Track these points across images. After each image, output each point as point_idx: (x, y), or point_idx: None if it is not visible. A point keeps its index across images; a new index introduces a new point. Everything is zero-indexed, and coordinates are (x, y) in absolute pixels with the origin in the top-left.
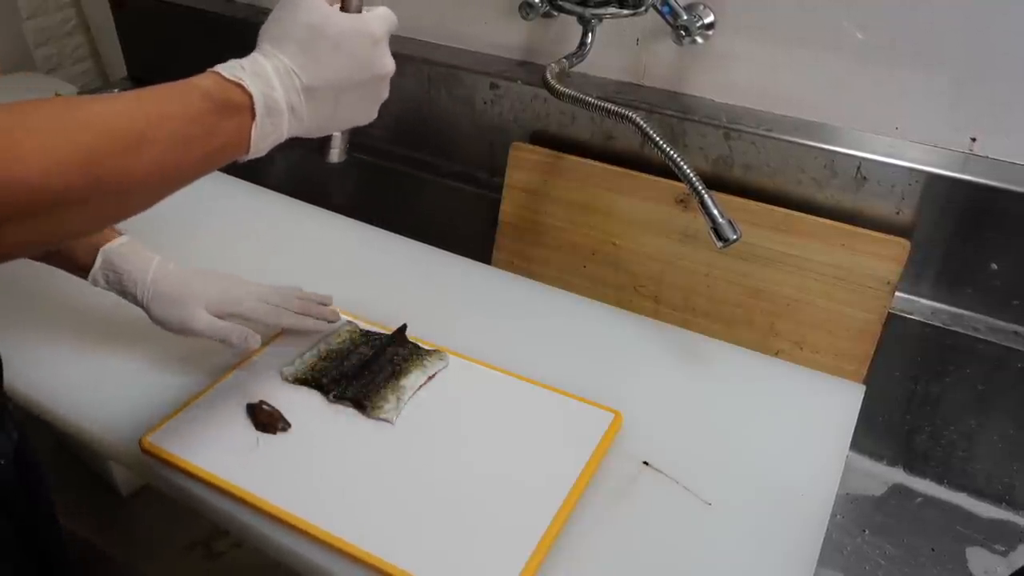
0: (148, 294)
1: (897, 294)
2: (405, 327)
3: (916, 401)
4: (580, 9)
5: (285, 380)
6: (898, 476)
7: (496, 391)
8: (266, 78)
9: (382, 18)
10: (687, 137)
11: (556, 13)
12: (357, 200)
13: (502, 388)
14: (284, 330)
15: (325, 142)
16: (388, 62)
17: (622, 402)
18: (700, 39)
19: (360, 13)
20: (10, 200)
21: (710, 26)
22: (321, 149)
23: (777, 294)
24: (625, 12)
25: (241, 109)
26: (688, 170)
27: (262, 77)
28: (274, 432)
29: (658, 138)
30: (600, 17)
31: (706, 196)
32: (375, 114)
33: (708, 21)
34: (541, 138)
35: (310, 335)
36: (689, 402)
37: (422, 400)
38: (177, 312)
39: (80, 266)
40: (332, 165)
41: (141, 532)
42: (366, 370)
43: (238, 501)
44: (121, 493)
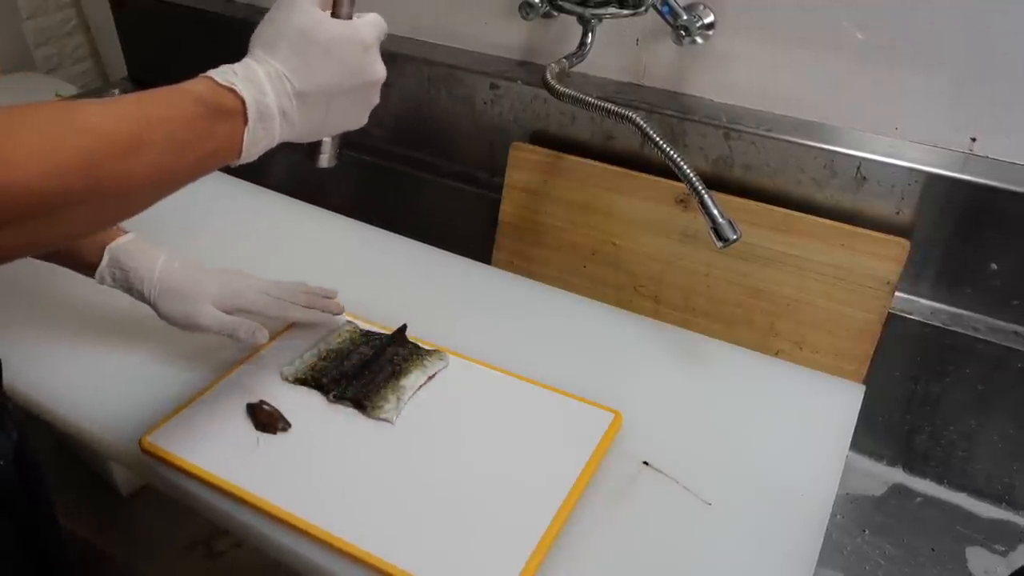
0: (155, 291)
1: (897, 294)
2: (405, 327)
3: (916, 401)
4: (580, 9)
5: (285, 380)
6: (898, 476)
7: (496, 391)
8: (258, 83)
9: (372, 24)
10: (687, 137)
11: (556, 13)
12: (357, 200)
13: (502, 388)
14: (293, 324)
15: (315, 147)
16: (379, 68)
17: (622, 402)
18: (700, 39)
19: (351, 19)
20: (9, 204)
21: (710, 26)
22: (312, 154)
23: (777, 294)
24: (625, 12)
25: (234, 114)
26: (688, 170)
27: (254, 82)
28: (274, 432)
29: (658, 138)
30: (600, 17)
31: (706, 196)
32: (366, 119)
33: (708, 21)
34: (541, 138)
35: (310, 334)
36: (689, 402)
37: (422, 400)
38: (184, 308)
39: (86, 264)
40: (322, 170)
41: (141, 532)
42: (366, 370)
43: (238, 501)
44: (121, 493)
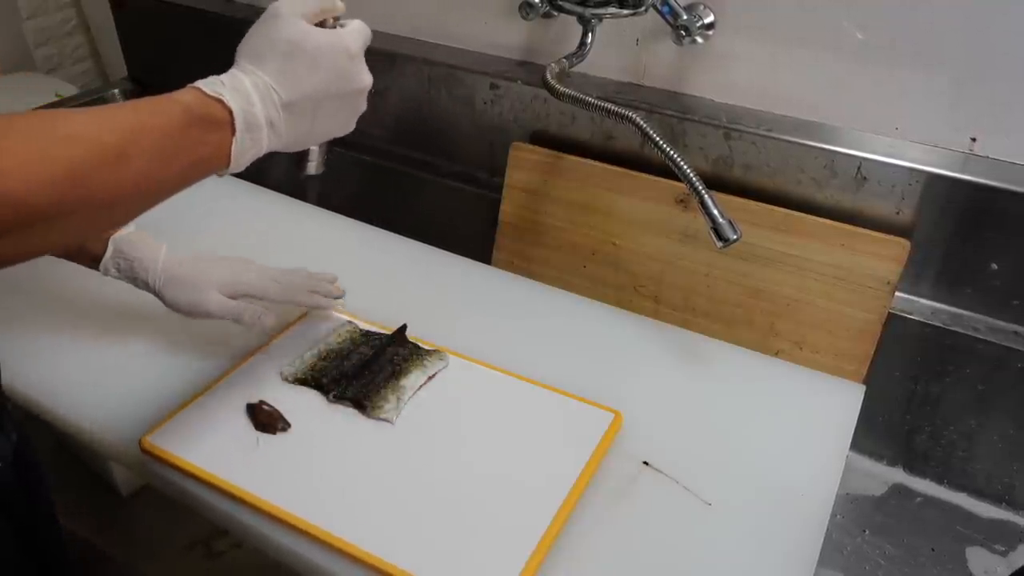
0: (160, 279)
1: (897, 294)
2: (405, 327)
3: (916, 401)
4: (580, 9)
5: (285, 380)
6: (898, 476)
7: (496, 391)
8: (245, 94)
9: (358, 32)
10: (687, 137)
11: (556, 13)
12: (357, 200)
13: (502, 388)
14: (293, 324)
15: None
16: (365, 76)
17: (622, 402)
18: (700, 39)
19: (336, 28)
20: None
21: (710, 26)
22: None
23: (777, 294)
24: (625, 12)
25: (221, 124)
26: (688, 170)
27: (241, 93)
28: (274, 432)
29: (658, 138)
30: (600, 17)
31: (706, 196)
32: (352, 127)
33: (708, 21)
34: (541, 138)
35: (310, 334)
36: (689, 402)
37: (422, 400)
38: (190, 295)
39: (90, 256)
40: (321, 170)
41: (141, 532)
42: (366, 370)
43: (238, 501)
44: (121, 493)
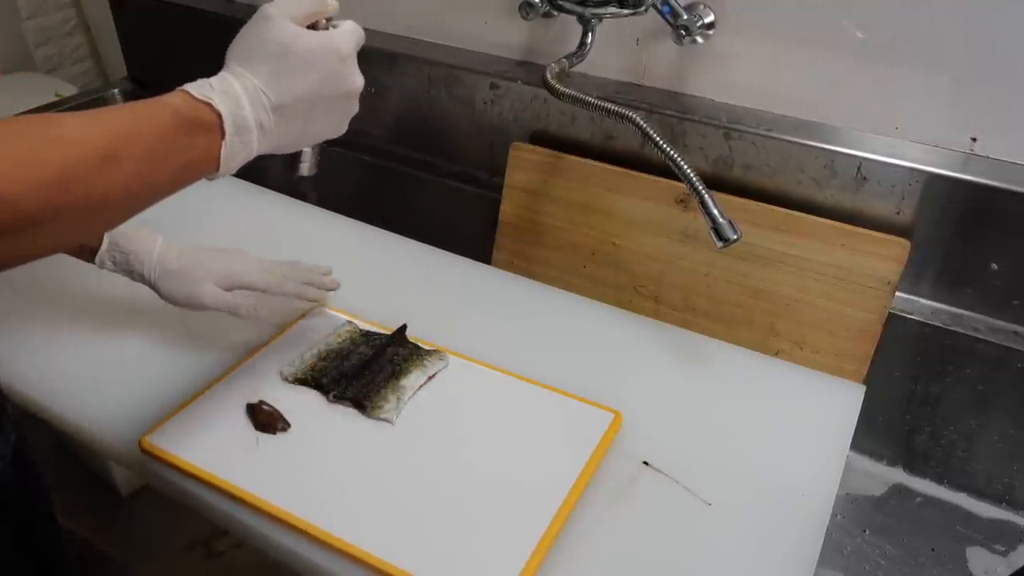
0: (155, 272)
1: (897, 294)
2: (405, 327)
3: (916, 401)
4: (580, 9)
5: (285, 380)
6: (898, 476)
7: (496, 391)
8: (235, 97)
9: (350, 33)
10: (687, 137)
11: (556, 13)
12: (357, 200)
13: (502, 388)
14: (292, 324)
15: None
16: (357, 78)
17: (622, 402)
18: (700, 39)
19: (328, 29)
20: None
21: (710, 26)
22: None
23: (777, 294)
24: (625, 12)
25: (211, 128)
26: (688, 170)
27: (230, 96)
28: (274, 432)
29: (658, 138)
30: (600, 17)
31: (706, 196)
32: (344, 129)
33: (708, 21)
34: (541, 138)
35: (310, 334)
36: (689, 402)
37: (422, 400)
38: (185, 287)
39: (86, 250)
40: (320, 170)
41: (141, 532)
42: (366, 370)
43: (238, 501)
44: (121, 493)
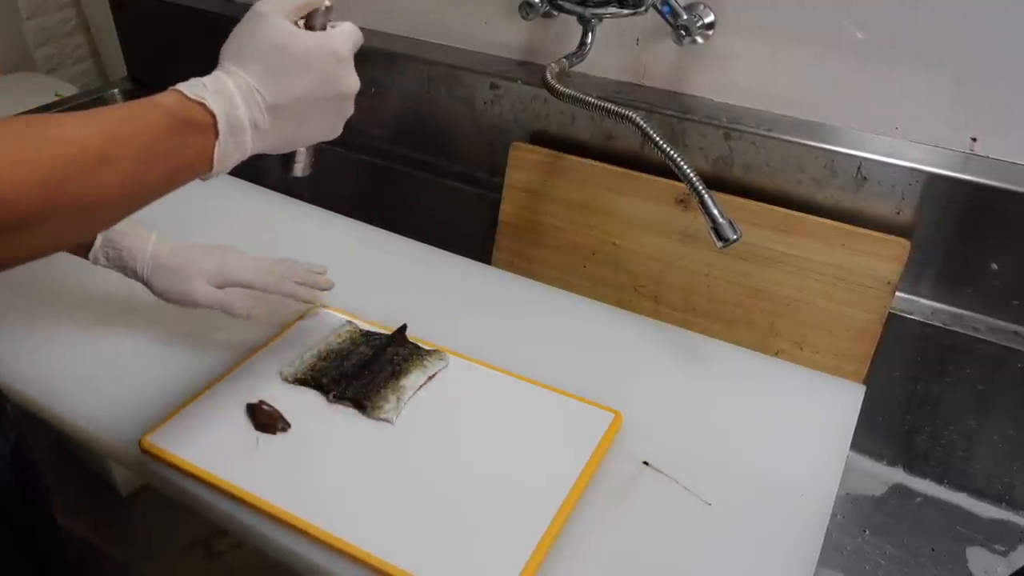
0: (148, 268)
1: (897, 294)
2: (405, 327)
3: (916, 401)
4: (580, 9)
5: (285, 380)
6: (898, 476)
7: (496, 391)
8: (228, 96)
9: (348, 34)
10: (687, 137)
11: (556, 13)
12: (357, 200)
13: (502, 388)
14: (292, 324)
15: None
16: (353, 80)
17: (622, 402)
18: (700, 39)
19: (324, 30)
20: None
21: (710, 26)
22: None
23: (777, 294)
24: (625, 12)
25: (204, 128)
26: (688, 170)
27: (224, 95)
28: (274, 432)
29: (658, 138)
30: (600, 17)
31: (706, 196)
32: (340, 131)
33: (708, 21)
34: (541, 138)
35: (310, 334)
36: (689, 402)
37: (422, 400)
38: (178, 284)
39: (82, 246)
40: (319, 170)
41: (140, 532)
42: (366, 370)
43: (238, 501)
44: (120, 492)
